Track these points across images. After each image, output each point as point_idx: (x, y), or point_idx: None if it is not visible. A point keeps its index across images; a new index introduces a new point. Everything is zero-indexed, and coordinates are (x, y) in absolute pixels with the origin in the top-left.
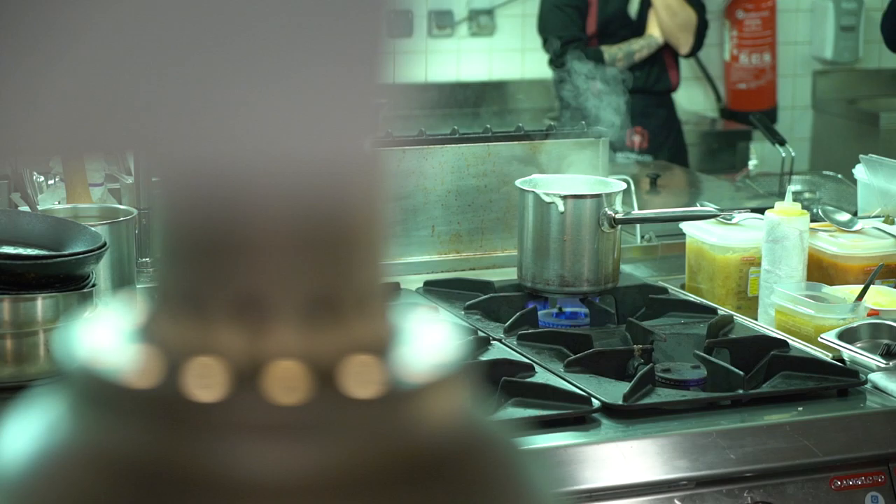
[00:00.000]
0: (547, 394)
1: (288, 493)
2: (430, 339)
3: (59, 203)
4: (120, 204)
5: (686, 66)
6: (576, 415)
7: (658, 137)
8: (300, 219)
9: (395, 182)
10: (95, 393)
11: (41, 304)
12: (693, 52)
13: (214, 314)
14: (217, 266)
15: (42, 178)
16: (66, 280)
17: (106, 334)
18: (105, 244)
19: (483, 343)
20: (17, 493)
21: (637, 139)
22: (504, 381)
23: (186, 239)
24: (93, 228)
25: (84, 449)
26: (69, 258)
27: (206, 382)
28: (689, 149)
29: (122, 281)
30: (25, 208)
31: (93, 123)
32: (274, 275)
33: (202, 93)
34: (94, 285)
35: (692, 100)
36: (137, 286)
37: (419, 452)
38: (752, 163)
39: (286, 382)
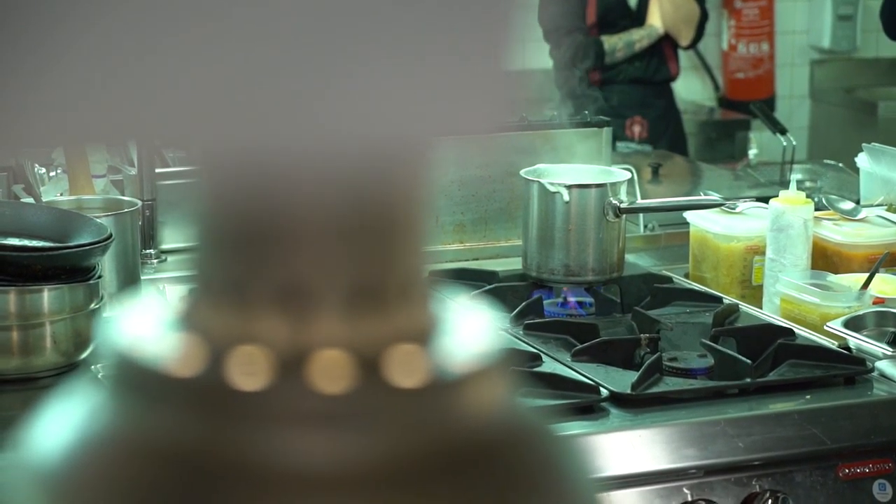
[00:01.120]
0: (555, 383)
1: (332, 483)
2: (470, 328)
3: (62, 195)
4: (123, 195)
5: (684, 55)
6: (584, 404)
7: (658, 127)
8: (344, 206)
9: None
10: (138, 382)
11: (47, 296)
12: (693, 44)
13: (257, 303)
14: (260, 254)
15: (44, 170)
16: (72, 272)
17: (147, 323)
18: (111, 235)
19: None
20: (60, 482)
21: (637, 129)
22: (511, 370)
23: (229, 227)
24: (98, 220)
25: (126, 438)
26: (75, 250)
27: (249, 371)
28: (687, 138)
29: (126, 272)
30: (29, 200)
31: (130, 112)
32: (317, 263)
33: (248, 79)
34: (100, 277)
35: (690, 89)
36: (142, 277)
37: (463, 442)
38: (752, 152)
39: (330, 371)
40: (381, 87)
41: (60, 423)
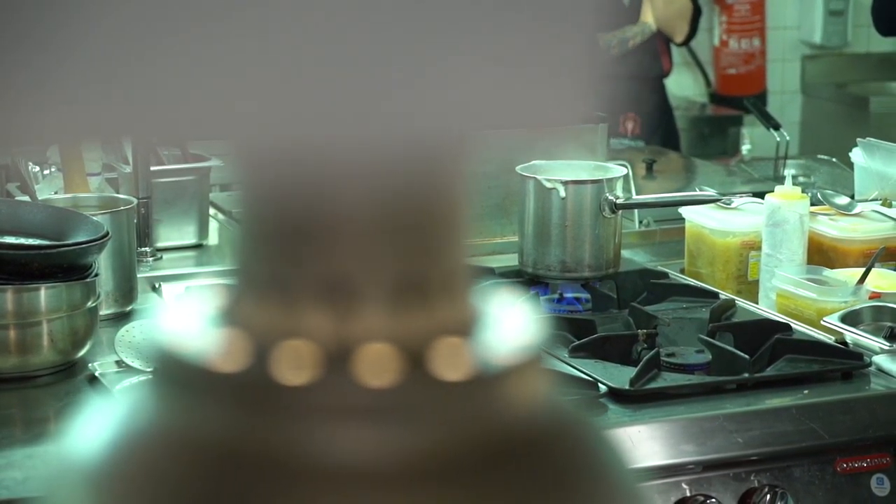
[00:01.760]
0: (553, 379)
1: (379, 477)
2: (511, 322)
3: (57, 193)
4: (118, 193)
5: (676, 51)
6: (583, 400)
7: (651, 123)
8: (387, 200)
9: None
10: (182, 377)
11: (44, 295)
12: (688, 41)
13: (301, 297)
14: (303, 249)
15: (38, 168)
16: (69, 270)
17: (190, 318)
18: (107, 233)
19: None
20: (105, 477)
21: (630, 125)
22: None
23: (271, 222)
24: (94, 218)
25: (171, 433)
26: (72, 248)
27: (295, 365)
28: (680, 134)
29: (123, 271)
30: (25, 198)
31: (176, 108)
32: (361, 257)
33: (294, 72)
34: (97, 275)
35: (682, 85)
36: (138, 275)
37: (508, 435)
38: (745, 147)
39: (376, 365)
40: (438, 80)
41: (105, 418)
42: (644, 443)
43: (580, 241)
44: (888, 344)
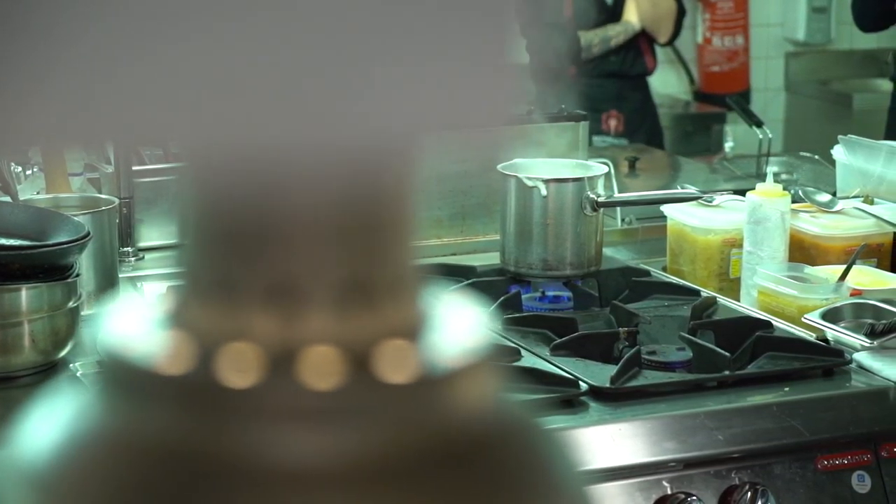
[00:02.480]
0: (534, 378)
1: (323, 479)
2: (460, 324)
3: (39, 193)
4: (100, 193)
5: (659, 49)
6: (563, 398)
7: (634, 121)
8: (334, 203)
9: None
10: (127, 380)
11: (25, 295)
12: (672, 41)
13: (247, 300)
14: (249, 252)
15: (20, 169)
16: (50, 270)
17: (136, 321)
18: (88, 233)
19: None
20: (49, 481)
21: (613, 123)
22: (497, 365)
23: (218, 225)
24: (75, 218)
25: (116, 436)
26: (53, 248)
27: (239, 368)
28: (663, 131)
29: (104, 271)
30: (6, 199)
31: (118, 113)
32: (306, 259)
33: (239, 76)
34: (77, 275)
35: (666, 83)
36: (120, 275)
37: (454, 437)
38: (728, 145)
39: (320, 367)
40: (383, 84)
41: (49, 422)
42: (625, 441)
43: (562, 240)
44: (869, 341)
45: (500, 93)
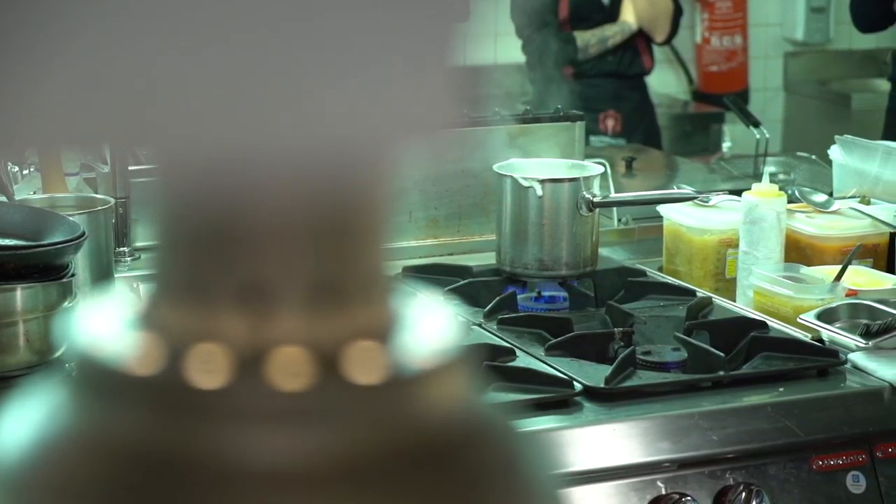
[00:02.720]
0: (529, 378)
1: (291, 480)
2: (432, 325)
3: (35, 193)
4: (96, 193)
5: (658, 49)
6: (558, 398)
7: (631, 121)
8: (304, 206)
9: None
10: (97, 380)
11: (20, 295)
12: (669, 40)
13: (217, 301)
14: (220, 253)
15: (17, 168)
16: (45, 270)
17: (107, 322)
18: (84, 233)
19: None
20: (19, 481)
21: (610, 123)
22: (485, 365)
23: (189, 226)
24: (71, 218)
25: (86, 436)
26: (48, 248)
27: (209, 369)
28: (661, 131)
29: (100, 271)
30: (2, 198)
31: (93, 115)
32: (277, 261)
33: (208, 80)
34: (73, 275)
35: (664, 82)
36: (116, 275)
37: (423, 438)
38: (725, 145)
39: (289, 369)
40: (335, 88)
41: (21, 423)
42: (619, 441)
43: (557, 240)
44: (864, 341)
45: (444, 98)
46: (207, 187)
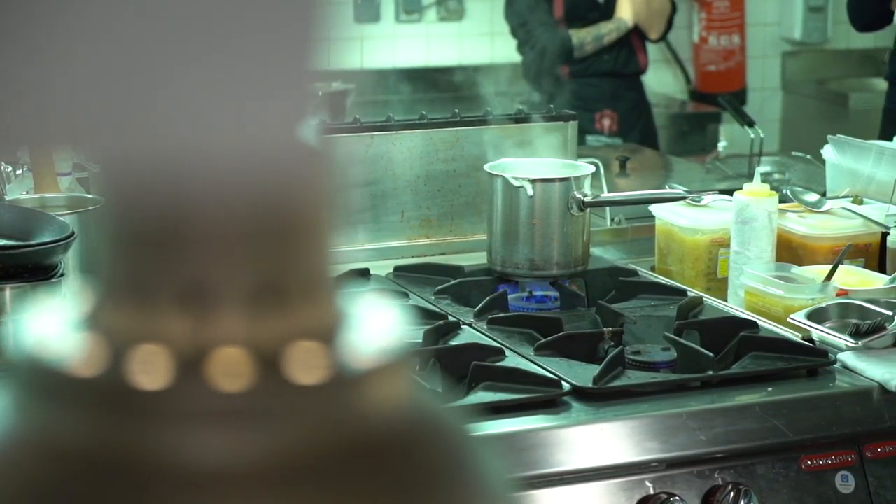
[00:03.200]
0: (517, 377)
1: (231, 480)
2: (377, 325)
3: (28, 193)
4: (88, 193)
5: (656, 48)
6: (546, 398)
7: (628, 120)
8: (244, 207)
9: (358, 168)
10: (41, 382)
11: (9, 295)
12: (663, 37)
13: (159, 302)
14: (162, 254)
15: (10, 168)
16: (35, 270)
17: (52, 323)
18: (73, 233)
19: (453, 327)
20: None
21: (606, 122)
22: (474, 365)
23: (131, 227)
24: (61, 218)
25: (28, 438)
26: (37, 248)
27: (149, 370)
28: (658, 131)
29: (91, 271)
30: None
31: (34, 118)
32: (218, 262)
33: (142, 85)
34: (62, 275)
35: (662, 82)
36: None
37: (364, 438)
38: (721, 144)
39: (229, 369)
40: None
41: None
42: (607, 441)
43: (548, 240)
44: (853, 341)
45: (297, 109)
46: (148, 188)
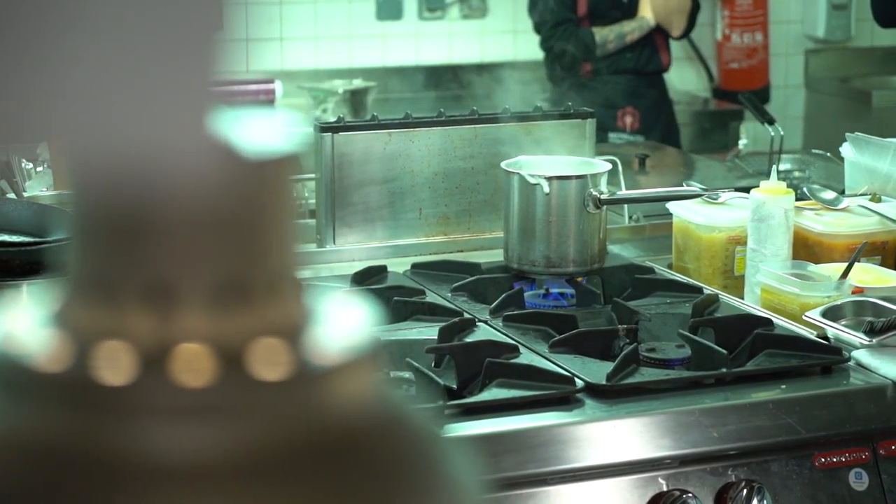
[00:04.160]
0: (531, 374)
1: (194, 476)
2: (344, 322)
3: (47, 189)
4: None
5: (678, 46)
6: (560, 395)
7: (650, 118)
8: (208, 204)
9: (376, 165)
10: (6, 377)
11: (26, 292)
12: (685, 35)
13: (124, 298)
14: (126, 251)
15: (31, 165)
16: (51, 267)
17: (20, 319)
18: None
19: (469, 324)
20: None
21: (628, 119)
22: (488, 362)
23: (97, 224)
24: None
25: None
26: (54, 244)
27: (113, 366)
28: (681, 129)
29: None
30: (11, 195)
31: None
32: (182, 259)
33: (102, 82)
34: None
35: (684, 80)
36: None
37: (326, 434)
38: (742, 142)
39: (192, 366)
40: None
41: None
42: (621, 438)
43: (564, 237)
44: (868, 339)
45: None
46: (113, 185)
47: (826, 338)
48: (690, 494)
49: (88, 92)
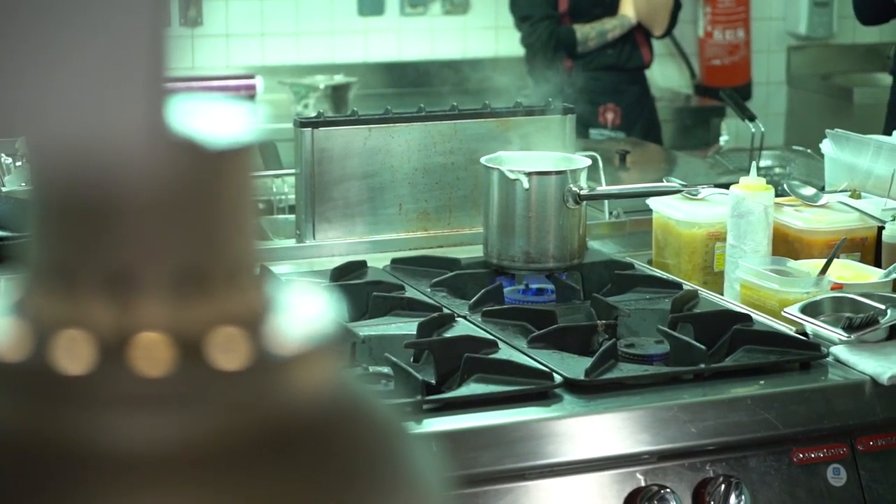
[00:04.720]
0: (509, 370)
1: (152, 465)
2: (303, 312)
3: (25, 185)
4: None
5: (660, 42)
6: (538, 390)
7: (631, 114)
8: (166, 193)
9: (356, 160)
10: None
11: (2, 287)
12: (667, 34)
13: (83, 287)
14: (85, 240)
15: (10, 160)
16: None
17: None
18: None
19: (448, 320)
20: None
21: (610, 116)
22: (467, 357)
23: (55, 213)
24: None
25: None
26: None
27: (72, 355)
28: (663, 125)
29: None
30: None
31: None
32: (141, 248)
33: (57, 72)
34: None
35: (666, 76)
36: None
37: (284, 423)
38: (723, 139)
39: (151, 355)
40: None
41: None
42: (599, 433)
43: (544, 232)
44: (846, 335)
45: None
46: (71, 174)
47: (805, 334)
48: (668, 490)
49: (45, 83)
